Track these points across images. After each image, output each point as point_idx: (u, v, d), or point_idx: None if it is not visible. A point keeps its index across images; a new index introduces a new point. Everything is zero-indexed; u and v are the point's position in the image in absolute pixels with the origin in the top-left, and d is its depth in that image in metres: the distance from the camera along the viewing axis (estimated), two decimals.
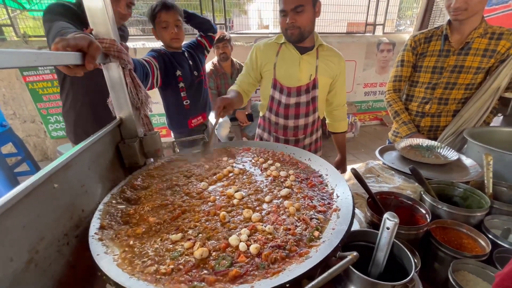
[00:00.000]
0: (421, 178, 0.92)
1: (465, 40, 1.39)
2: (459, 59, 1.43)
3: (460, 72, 1.44)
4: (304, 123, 1.47)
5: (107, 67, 0.94)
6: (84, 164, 0.75)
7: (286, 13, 1.24)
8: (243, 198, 0.77)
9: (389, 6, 4.75)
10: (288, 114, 1.45)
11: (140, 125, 1.07)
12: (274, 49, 1.42)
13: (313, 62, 1.39)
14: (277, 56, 1.41)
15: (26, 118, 3.81)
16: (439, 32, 1.48)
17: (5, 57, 0.41)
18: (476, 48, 1.39)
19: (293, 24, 1.25)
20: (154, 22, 1.66)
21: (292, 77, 1.40)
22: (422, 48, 1.52)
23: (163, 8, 1.60)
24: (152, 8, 1.64)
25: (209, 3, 4.03)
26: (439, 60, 1.48)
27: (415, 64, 1.58)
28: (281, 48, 1.41)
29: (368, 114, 5.25)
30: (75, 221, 0.67)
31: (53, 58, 0.59)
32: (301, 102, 1.42)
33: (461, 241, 0.76)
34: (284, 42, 1.40)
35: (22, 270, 0.47)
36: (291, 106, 1.43)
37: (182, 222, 0.68)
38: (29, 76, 3.50)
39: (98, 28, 0.89)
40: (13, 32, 3.65)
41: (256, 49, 1.45)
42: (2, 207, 0.43)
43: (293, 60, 1.39)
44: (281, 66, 1.40)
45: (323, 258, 0.49)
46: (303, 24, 1.26)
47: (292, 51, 1.39)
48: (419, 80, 1.58)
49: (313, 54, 1.39)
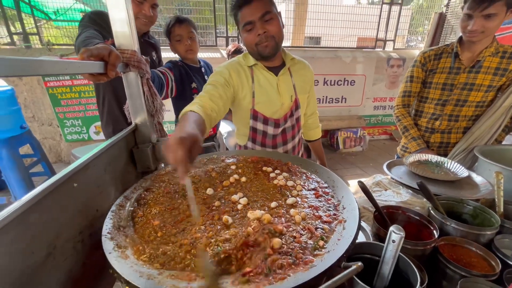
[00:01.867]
0: (429, 194, 0.91)
1: (476, 58, 1.40)
2: (469, 76, 1.44)
3: (471, 89, 1.45)
4: (292, 146, 1.40)
5: (127, 76, 1.00)
6: (101, 166, 0.78)
7: (254, 25, 1.10)
8: (248, 204, 0.78)
9: (400, 22, 4.81)
10: (276, 143, 1.33)
11: (154, 131, 1.12)
12: (246, 73, 1.23)
13: (289, 82, 1.28)
14: (253, 83, 1.22)
15: (44, 121, 3.98)
16: (449, 50, 1.49)
17: (43, 65, 0.46)
18: (487, 67, 1.40)
19: (265, 34, 1.11)
20: (169, 37, 1.76)
21: (275, 103, 1.25)
22: (432, 64, 1.53)
23: (177, 23, 1.70)
24: (167, 24, 1.74)
25: (223, 18, 4.19)
26: (449, 77, 1.49)
27: (424, 80, 1.59)
28: (253, 72, 1.23)
29: (377, 128, 5.21)
30: (89, 220, 0.70)
31: (81, 66, 0.64)
32: (287, 127, 1.32)
33: (470, 260, 0.74)
34: (255, 64, 1.22)
35: (41, 264, 0.50)
36: (278, 135, 1.31)
37: (186, 225, 0.70)
38: (50, 81, 3.68)
39: (121, 39, 0.95)
40: (38, 40, 3.87)
41: (230, 70, 1.21)
42: (29, 203, 0.47)
43: (271, 84, 1.23)
44: (260, 93, 1.23)
45: (328, 266, 0.50)
46: (276, 32, 1.13)
47: (266, 74, 1.23)
48: (428, 96, 1.58)
49: (286, 73, 1.27)
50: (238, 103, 1.27)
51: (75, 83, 3.75)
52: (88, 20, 1.32)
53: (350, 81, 4.67)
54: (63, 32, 4.58)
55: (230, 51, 2.86)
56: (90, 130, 4.06)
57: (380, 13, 4.69)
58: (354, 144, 4.58)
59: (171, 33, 1.73)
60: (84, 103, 3.88)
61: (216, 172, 1.00)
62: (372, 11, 4.78)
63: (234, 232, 0.63)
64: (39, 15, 4.10)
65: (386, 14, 4.71)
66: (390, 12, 4.68)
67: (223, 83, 1.15)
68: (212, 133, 2.06)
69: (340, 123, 4.54)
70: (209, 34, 4.32)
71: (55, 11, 4.11)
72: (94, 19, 1.32)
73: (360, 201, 1.00)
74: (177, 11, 4.67)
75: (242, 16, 1.11)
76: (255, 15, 1.08)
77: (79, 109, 3.90)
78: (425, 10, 5.49)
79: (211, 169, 1.03)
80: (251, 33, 1.12)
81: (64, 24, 4.44)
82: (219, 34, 4.30)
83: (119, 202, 0.79)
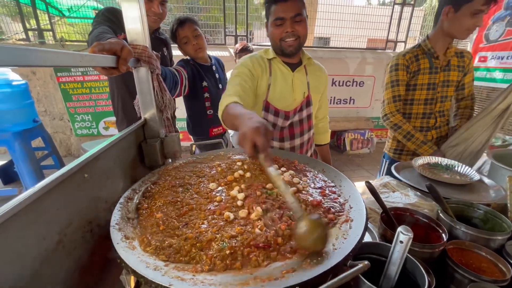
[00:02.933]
0: (438, 197, 0.90)
1: (448, 58, 1.57)
2: (445, 74, 1.59)
3: (448, 86, 1.61)
4: (300, 143, 1.40)
5: (137, 71, 1.01)
6: (111, 158, 0.80)
7: (284, 22, 1.16)
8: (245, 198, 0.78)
9: (411, 23, 4.73)
10: (283, 136, 1.36)
11: (162, 127, 1.13)
12: (265, 66, 1.28)
13: (304, 79, 1.33)
14: (271, 76, 1.28)
15: (55, 115, 4.07)
16: (420, 51, 1.59)
17: (60, 56, 0.47)
18: (454, 65, 1.59)
19: (293, 32, 1.17)
20: (176, 41, 1.77)
21: (287, 98, 1.30)
22: (413, 66, 1.58)
23: (179, 25, 1.71)
24: (170, 30, 1.75)
25: (233, 17, 4.20)
26: (431, 77, 1.58)
27: (407, 82, 1.63)
28: (271, 65, 1.29)
29: (386, 130, 5.14)
30: (99, 211, 0.71)
31: (94, 59, 0.65)
32: (294, 122, 1.34)
33: (480, 265, 0.72)
34: (274, 57, 1.28)
35: (52, 250, 0.51)
36: (286, 128, 1.34)
37: (189, 219, 0.70)
38: (62, 76, 3.77)
39: (133, 35, 0.97)
40: (52, 36, 3.96)
41: (253, 62, 1.26)
42: (43, 189, 0.48)
43: (286, 79, 1.29)
44: (275, 86, 1.28)
45: (334, 264, 0.50)
46: (303, 34, 1.20)
47: (283, 69, 1.29)
48: (414, 98, 1.64)
49: (302, 71, 1.33)
50: None
51: (86, 78, 3.83)
52: (102, 16, 1.35)
53: (359, 82, 4.62)
54: (75, 29, 4.69)
55: (237, 49, 2.87)
56: (99, 125, 4.13)
57: (391, 14, 4.62)
58: (361, 146, 4.53)
59: (176, 37, 1.74)
60: (94, 99, 3.96)
61: (222, 168, 1.01)
62: (383, 11, 4.72)
63: (241, 230, 0.63)
64: (53, 11, 4.21)
65: (397, 15, 4.64)
66: (401, 13, 4.61)
67: (249, 74, 1.22)
68: (221, 131, 2.07)
69: (347, 125, 4.50)
70: (218, 33, 4.35)
71: (68, 8, 4.21)
72: (107, 16, 1.35)
73: (367, 202, 0.98)
74: (187, 10, 4.71)
75: (275, 10, 1.16)
76: (288, 13, 1.15)
77: (90, 104, 3.98)
78: None
79: (217, 164, 1.03)
80: (279, 28, 1.18)
81: (77, 21, 4.54)
82: (228, 33, 4.32)
83: (127, 194, 0.80)
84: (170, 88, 1.50)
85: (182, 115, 2.04)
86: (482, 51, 3.81)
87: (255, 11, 5.19)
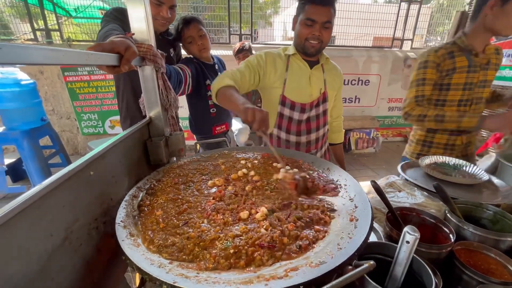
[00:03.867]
0: (446, 197, 0.88)
1: (488, 57, 1.44)
2: (484, 73, 1.45)
3: (485, 86, 1.48)
4: (315, 137, 1.45)
5: (142, 69, 1.02)
6: (116, 156, 0.81)
7: (314, 24, 1.21)
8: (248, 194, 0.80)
9: (418, 21, 4.65)
10: (301, 130, 1.40)
11: (167, 125, 1.14)
12: (283, 62, 1.35)
13: (321, 77, 1.39)
14: (287, 71, 1.34)
15: (62, 114, 4.14)
16: (456, 48, 1.44)
17: (66, 54, 0.47)
18: (493, 63, 1.46)
19: (319, 36, 1.24)
20: (181, 40, 1.77)
21: (304, 93, 1.36)
22: (447, 64, 1.44)
23: (184, 25, 1.71)
24: (175, 29, 1.75)
25: (237, 16, 4.20)
26: (469, 76, 1.43)
27: (438, 82, 1.48)
28: (290, 61, 1.35)
29: (391, 130, 5.08)
30: (104, 208, 0.72)
31: (100, 58, 0.66)
32: (311, 116, 1.39)
33: (489, 266, 0.71)
34: (294, 53, 1.34)
35: (59, 246, 0.52)
36: (303, 122, 1.39)
37: (188, 217, 0.70)
38: (69, 76, 3.82)
39: (138, 34, 0.97)
40: (59, 36, 4.02)
41: (267, 57, 1.34)
42: (50, 186, 0.49)
43: (303, 75, 1.35)
44: (292, 81, 1.34)
45: (339, 263, 0.49)
46: (326, 40, 1.27)
47: (301, 65, 1.35)
48: (447, 99, 1.49)
49: (319, 69, 1.39)
50: (268, 91, 1.40)
51: (92, 78, 3.87)
52: (111, 15, 1.36)
53: (364, 81, 4.58)
54: (82, 29, 4.75)
55: (235, 50, 2.88)
56: (105, 124, 4.18)
57: (398, 11, 4.55)
58: (366, 145, 4.49)
59: (182, 36, 1.75)
60: (100, 98, 4.00)
61: (226, 166, 1.01)
62: (390, 9, 4.66)
63: (245, 229, 0.63)
64: (61, 12, 4.27)
65: (404, 12, 4.57)
66: (408, 10, 4.54)
67: (255, 66, 1.31)
68: (224, 129, 2.07)
69: (352, 124, 4.46)
70: (222, 32, 4.35)
71: (75, 8, 4.26)
72: (115, 15, 1.36)
73: (373, 201, 0.97)
74: (191, 9, 4.72)
75: (309, 10, 1.20)
76: (321, 18, 1.20)
77: (96, 103, 4.03)
78: (446, 8, 5.28)
79: (221, 163, 1.03)
80: (308, 28, 1.23)
81: (84, 21, 4.60)
82: (232, 32, 4.32)
83: (132, 192, 0.81)
84: (174, 87, 1.51)
85: (185, 114, 2.05)
86: None
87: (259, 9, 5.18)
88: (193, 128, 2.06)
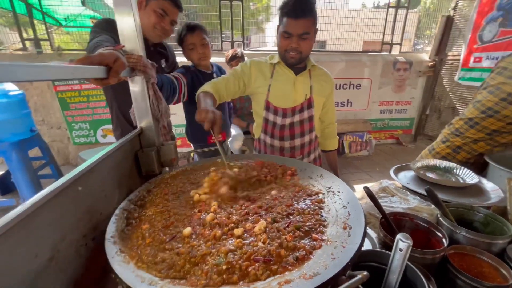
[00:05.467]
0: (437, 201, 0.89)
1: None
2: None
3: None
4: (300, 143, 1.44)
5: (132, 80, 1.01)
6: (106, 169, 0.79)
7: (291, 37, 1.23)
8: None
9: (406, 25, 4.77)
10: (284, 136, 1.41)
11: (159, 135, 1.12)
12: (268, 69, 1.39)
13: (307, 82, 1.39)
14: (272, 78, 1.38)
15: (53, 124, 4.06)
16: None
17: (51, 70, 0.46)
18: None
19: (296, 48, 1.25)
20: (182, 45, 1.77)
21: (287, 98, 1.38)
22: None
23: (188, 31, 1.70)
24: (179, 34, 1.75)
25: (229, 22, 4.23)
26: None
27: None
28: (275, 69, 1.39)
29: (383, 132, 5.15)
30: (93, 224, 0.70)
31: (87, 71, 0.65)
32: (295, 121, 1.40)
33: (481, 270, 0.72)
34: (278, 62, 1.38)
35: (44, 267, 0.50)
36: (286, 127, 1.40)
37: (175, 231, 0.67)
38: (60, 86, 3.77)
39: (127, 45, 0.97)
40: (49, 45, 3.97)
41: (252, 64, 1.39)
42: (35, 205, 0.47)
43: (288, 81, 1.37)
44: (276, 87, 1.37)
45: (333, 275, 0.49)
46: (306, 50, 1.28)
47: (286, 72, 1.37)
48: None
49: (306, 75, 1.39)
50: (255, 95, 1.44)
51: (83, 87, 3.82)
52: (100, 26, 1.35)
53: (356, 85, 4.64)
54: (73, 38, 4.70)
55: (227, 57, 2.89)
56: (97, 133, 4.12)
57: (386, 16, 4.67)
58: (360, 148, 4.53)
59: (183, 42, 1.74)
60: (92, 107, 3.95)
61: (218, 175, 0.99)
62: (378, 14, 4.76)
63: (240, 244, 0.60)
64: (50, 21, 4.23)
65: (392, 17, 4.68)
66: (396, 15, 4.66)
67: (240, 74, 1.37)
68: (221, 139, 2.05)
69: (345, 127, 4.50)
70: (215, 39, 4.36)
71: (65, 17, 4.23)
72: (104, 26, 1.35)
73: (366, 207, 0.98)
74: (184, 16, 4.74)
75: (286, 24, 1.22)
76: (296, 30, 1.21)
77: (87, 112, 3.97)
78: (432, 13, 5.43)
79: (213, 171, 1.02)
80: (286, 40, 1.26)
81: (74, 30, 4.56)
82: (224, 39, 4.35)
83: (123, 206, 0.79)
84: (167, 96, 1.50)
85: (181, 121, 2.04)
86: (476, 51, 3.84)
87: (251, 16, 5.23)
88: (189, 136, 2.04)
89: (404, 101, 4.97)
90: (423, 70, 4.76)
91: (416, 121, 5.19)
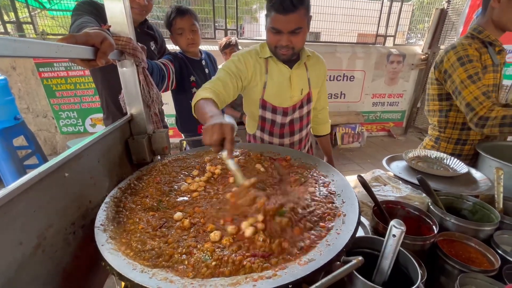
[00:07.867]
0: (429, 189, 0.90)
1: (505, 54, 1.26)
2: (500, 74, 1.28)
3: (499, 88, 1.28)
4: (299, 138, 1.41)
5: (122, 64, 0.97)
6: (94, 156, 0.76)
7: (281, 34, 1.11)
8: None
9: (400, 18, 4.77)
10: (284, 133, 1.36)
11: (150, 123, 1.09)
12: (261, 65, 1.25)
13: (304, 76, 1.30)
14: (267, 74, 1.25)
15: (39, 112, 3.91)
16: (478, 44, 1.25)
17: (32, 46, 0.43)
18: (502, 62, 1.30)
19: (288, 45, 1.13)
20: (170, 29, 1.68)
21: (284, 96, 1.28)
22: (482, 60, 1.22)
23: (178, 15, 1.61)
24: (167, 16, 1.65)
25: (222, 10, 4.12)
26: (495, 77, 1.25)
27: None
28: (268, 63, 1.25)
29: (375, 124, 5.21)
30: (82, 212, 0.68)
31: (72, 50, 0.61)
32: (294, 118, 1.34)
33: (469, 255, 0.74)
34: (270, 56, 1.23)
35: (30, 255, 0.48)
36: (286, 125, 1.34)
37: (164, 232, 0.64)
38: (45, 72, 3.61)
39: (116, 27, 0.92)
40: (32, 29, 3.78)
41: (244, 59, 1.22)
42: (17, 190, 0.44)
43: (284, 77, 1.25)
44: (272, 85, 1.25)
45: (327, 261, 0.49)
46: (298, 45, 1.16)
47: (281, 67, 1.25)
48: None
49: (302, 67, 1.29)
50: (248, 92, 1.30)
51: (70, 74, 3.68)
52: (82, 7, 1.27)
53: (349, 77, 4.64)
54: (57, 22, 4.48)
55: (221, 45, 2.82)
56: (86, 122, 4.00)
57: (381, 8, 4.64)
58: (352, 140, 4.58)
59: (172, 26, 1.65)
60: (79, 95, 3.81)
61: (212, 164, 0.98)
62: (373, 6, 4.73)
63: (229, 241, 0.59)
64: (34, 3, 4.00)
65: (387, 9, 4.66)
66: (391, 7, 4.63)
67: (235, 72, 1.18)
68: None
69: (338, 119, 4.53)
70: (207, 27, 4.25)
71: (49, 0, 4.01)
72: (87, 8, 1.27)
73: (359, 195, 0.98)
74: (175, 3, 4.58)
75: (273, 19, 1.08)
76: (286, 27, 1.08)
77: (75, 101, 3.84)
78: (426, 6, 5.43)
79: (207, 160, 1.00)
80: (275, 36, 1.13)
81: (59, 13, 4.33)
82: (217, 27, 4.24)
83: (113, 193, 0.77)
84: (157, 83, 1.45)
85: (173, 110, 1.99)
86: None
87: (245, 4, 5.11)
88: (178, 126, 2.00)
89: (396, 94, 5.02)
90: (415, 63, 4.80)
91: (407, 114, 5.27)
